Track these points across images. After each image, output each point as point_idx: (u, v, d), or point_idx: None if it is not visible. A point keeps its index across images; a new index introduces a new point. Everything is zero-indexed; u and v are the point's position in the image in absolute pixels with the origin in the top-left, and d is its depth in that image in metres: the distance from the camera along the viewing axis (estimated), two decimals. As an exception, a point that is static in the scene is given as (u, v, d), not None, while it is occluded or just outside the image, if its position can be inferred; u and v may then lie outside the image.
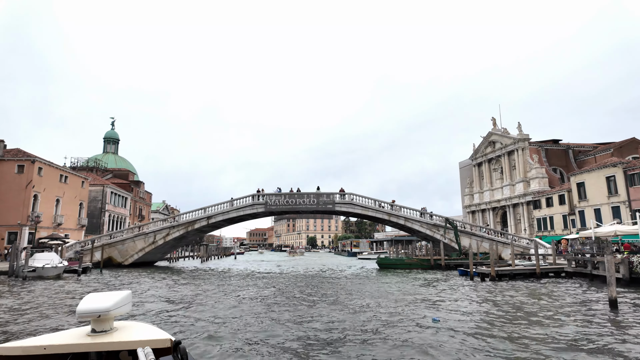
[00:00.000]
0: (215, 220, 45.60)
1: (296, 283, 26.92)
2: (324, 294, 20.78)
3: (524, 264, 31.02)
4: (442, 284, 25.09)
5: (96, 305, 3.75)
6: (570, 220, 54.79)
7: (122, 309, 3.94)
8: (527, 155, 65.27)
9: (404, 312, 15.17)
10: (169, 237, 45.21)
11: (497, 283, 25.06)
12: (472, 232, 44.14)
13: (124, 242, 45.10)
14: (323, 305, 17.03)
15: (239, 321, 13.53)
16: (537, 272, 27.47)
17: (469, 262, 38.82)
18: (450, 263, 37.42)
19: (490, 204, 72.12)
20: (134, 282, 28.26)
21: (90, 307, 3.74)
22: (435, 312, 14.98)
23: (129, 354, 3.76)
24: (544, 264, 29.91)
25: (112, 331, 3.84)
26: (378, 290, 22.02)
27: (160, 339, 3.70)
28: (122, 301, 3.98)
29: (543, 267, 28.56)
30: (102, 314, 3.73)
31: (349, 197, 45.86)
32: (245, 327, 12.52)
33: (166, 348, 3.67)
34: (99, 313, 3.72)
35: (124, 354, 3.78)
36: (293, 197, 45.86)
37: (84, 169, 76.85)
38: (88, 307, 3.75)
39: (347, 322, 13.10)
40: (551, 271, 28.87)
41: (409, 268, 37.42)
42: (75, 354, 3.65)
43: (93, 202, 67.02)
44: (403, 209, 45.14)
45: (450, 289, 22.42)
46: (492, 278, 26.04)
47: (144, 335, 3.84)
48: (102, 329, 3.79)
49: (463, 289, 22.37)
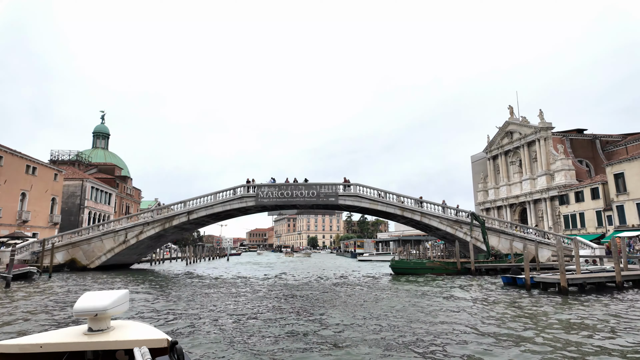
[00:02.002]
0: (198, 216, 37.82)
1: (285, 300, 19.12)
2: (324, 326, 12.97)
3: (590, 269, 23.13)
4: (494, 301, 17.25)
5: (93, 304, 3.58)
6: (606, 217, 46.83)
7: (119, 308, 3.73)
8: (550, 146, 57.35)
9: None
10: (142, 236, 37.47)
11: (577, 298, 17.09)
12: (500, 230, 36.26)
13: (90, 241, 37.36)
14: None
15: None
16: (617, 281, 19.47)
17: (503, 265, 31.10)
18: (481, 267, 29.59)
19: (507, 200, 64.17)
20: (72, 293, 20.53)
21: (87, 306, 3.57)
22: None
23: (125, 353, 3.62)
24: (608, 269, 22.11)
25: (108, 330, 3.67)
26: (412, 318, 14.20)
27: (156, 339, 3.57)
28: (119, 300, 3.76)
29: (627, 275, 20.45)
30: (99, 312, 3.56)
31: (355, 189, 38.06)
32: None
33: (163, 348, 3.52)
34: (95, 312, 3.55)
35: (121, 353, 3.64)
36: (289, 189, 38.06)
37: (66, 162, 69.28)
38: (85, 306, 3.57)
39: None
40: (632, 279, 20.87)
41: (431, 273, 29.59)
42: (71, 352, 3.53)
43: (71, 197, 59.52)
44: (418, 203, 37.34)
45: (518, 313, 14.55)
46: (561, 290, 18.01)
47: (141, 334, 3.69)
48: (99, 328, 3.63)
49: (536, 309, 14.60)
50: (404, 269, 30.39)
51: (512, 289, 20.91)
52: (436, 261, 30.22)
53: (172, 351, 3.39)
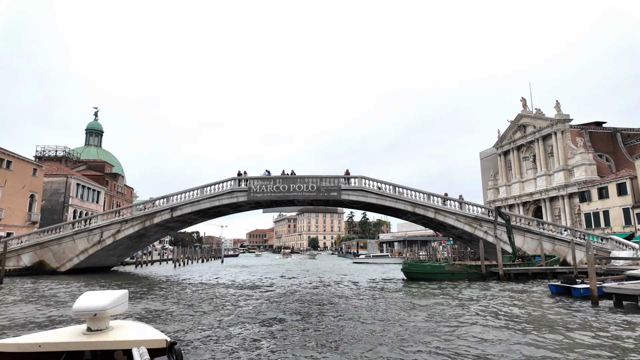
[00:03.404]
0: (182, 212, 32.98)
1: (266, 326, 14.27)
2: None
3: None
4: (561, 323, 12.41)
5: (92, 304, 3.49)
6: (635, 215, 41.96)
7: (118, 309, 3.63)
8: (568, 139, 52.48)
9: None
10: (120, 235, 32.66)
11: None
12: (526, 228, 31.36)
13: (61, 241, 32.54)
14: None
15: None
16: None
17: (535, 269, 26.12)
18: (510, 272, 24.68)
19: (520, 198, 59.20)
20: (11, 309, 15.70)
21: (86, 306, 3.48)
22: None
23: (124, 353, 3.57)
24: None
25: (107, 330, 3.57)
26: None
27: (155, 339, 3.47)
28: (119, 300, 3.66)
29: None
30: (98, 312, 3.47)
31: (360, 182, 33.21)
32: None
33: (161, 348, 3.42)
34: (94, 312, 3.46)
35: (119, 353, 3.59)
36: (285, 183, 33.20)
37: (52, 158, 64.59)
38: (84, 306, 3.49)
39: None
40: None
41: (451, 279, 24.69)
42: (70, 352, 3.44)
43: (54, 195, 54.76)
44: (432, 198, 32.52)
45: (610, 343, 9.75)
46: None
47: (140, 335, 3.61)
48: (98, 328, 3.53)
49: (632, 334, 9.83)
50: (419, 274, 25.43)
51: (567, 301, 16.03)
52: (457, 264, 25.28)
53: (171, 352, 3.31)
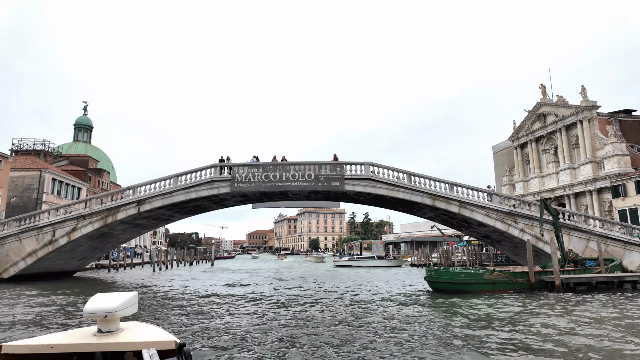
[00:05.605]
0: (152, 206, 26.60)
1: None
2: None
3: None
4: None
5: (103, 306, 3.41)
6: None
7: (129, 310, 3.54)
8: (596, 129, 46.10)
9: None
10: (76, 234, 26.32)
11: None
12: (572, 225, 24.94)
13: (4, 242, 26.21)
14: None
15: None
16: None
17: (598, 277, 19.60)
18: (570, 282, 18.29)
19: (539, 194, 52.67)
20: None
21: (97, 307, 3.41)
22: None
23: (134, 354, 3.49)
24: None
25: (118, 332, 3.49)
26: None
27: (165, 341, 3.38)
28: (129, 302, 3.56)
29: None
30: (109, 314, 3.39)
31: (367, 169, 26.86)
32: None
33: (171, 350, 3.33)
34: (105, 313, 3.38)
35: (129, 354, 3.50)
36: (277, 170, 26.84)
37: (30, 152, 58.49)
38: (95, 307, 3.42)
39: None
40: None
41: (491, 290, 18.26)
42: (81, 353, 3.38)
43: (27, 191, 48.71)
44: (456, 188, 26.17)
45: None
46: None
47: (149, 336, 3.53)
48: (108, 329, 3.45)
49: None
50: (448, 283, 18.87)
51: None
52: (498, 272, 18.91)
53: (180, 353, 3.28)
